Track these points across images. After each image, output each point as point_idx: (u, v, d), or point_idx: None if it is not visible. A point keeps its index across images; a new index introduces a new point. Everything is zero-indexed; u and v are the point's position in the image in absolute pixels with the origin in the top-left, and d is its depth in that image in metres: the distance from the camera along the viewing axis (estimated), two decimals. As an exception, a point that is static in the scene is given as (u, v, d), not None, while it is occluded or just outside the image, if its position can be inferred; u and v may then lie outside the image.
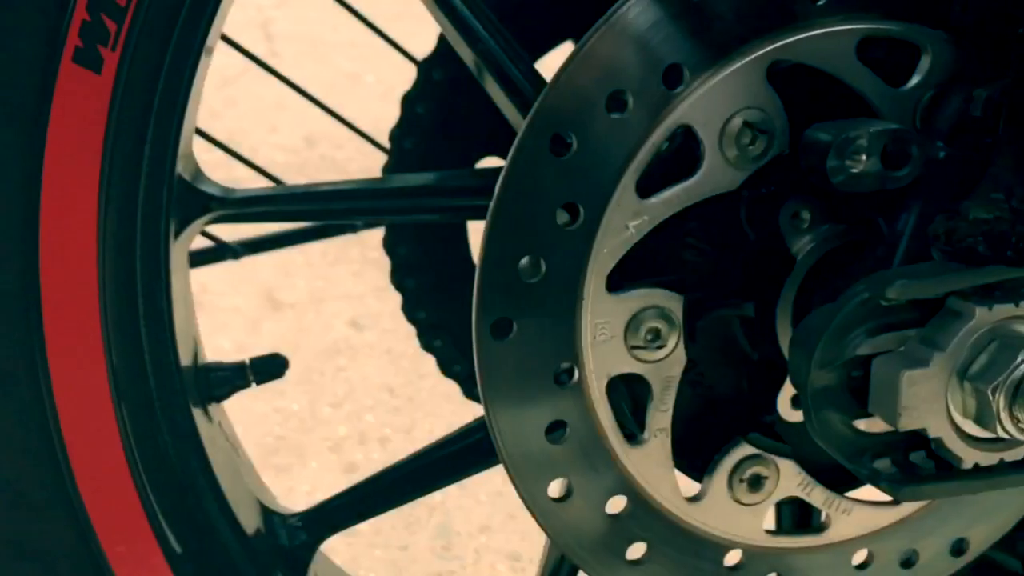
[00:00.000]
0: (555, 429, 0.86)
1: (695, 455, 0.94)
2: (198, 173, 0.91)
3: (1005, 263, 0.71)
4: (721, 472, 0.90)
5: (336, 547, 2.00)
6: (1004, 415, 0.72)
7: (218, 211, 0.90)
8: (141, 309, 0.83)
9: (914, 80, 0.85)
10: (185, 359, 0.92)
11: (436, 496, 2.19)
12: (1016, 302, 0.72)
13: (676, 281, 0.88)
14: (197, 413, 0.92)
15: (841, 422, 0.76)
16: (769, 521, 0.96)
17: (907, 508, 0.97)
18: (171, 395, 0.87)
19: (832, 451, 0.77)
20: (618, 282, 0.87)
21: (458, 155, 1.28)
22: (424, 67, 1.27)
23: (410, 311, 1.33)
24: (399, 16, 1.65)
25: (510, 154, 0.79)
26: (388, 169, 1.31)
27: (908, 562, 0.99)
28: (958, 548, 1.00)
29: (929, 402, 0.73)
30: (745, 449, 0.90)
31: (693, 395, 0.94)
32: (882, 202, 0.81)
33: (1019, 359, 0.71)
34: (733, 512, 0.92)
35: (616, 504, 0.90)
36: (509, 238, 0.80)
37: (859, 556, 0.98)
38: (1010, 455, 0.75)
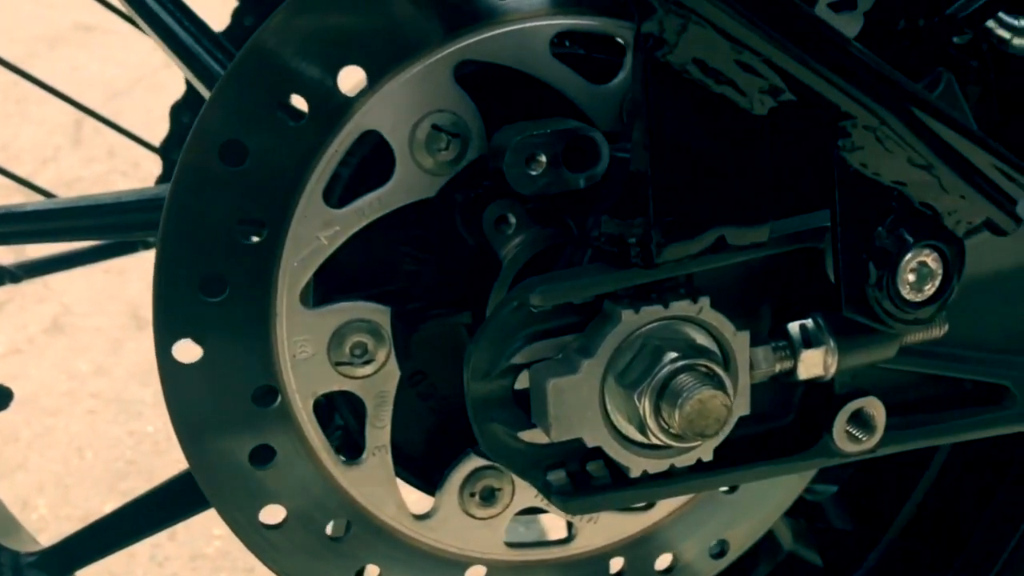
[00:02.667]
0: (261, 454, 0.82)
1: (432, 470, 0.90)
2: None
3: (639, 266, 0.68)
4: (451, 486, 0.87)
5: (180, 571, 1.95)
6: (651, 420, 0.69)
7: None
8: None
9: (619, 77, 0.82)
10: None
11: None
12: (666, 304, 0.70)
13: (390, 292, 0.85)
14: None
15: (506, 434, 0.73)
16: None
17: (659, 512, 0.94)
18: None
19: (503, 464, 0.74)
20: (327, 296, 0.83)
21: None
22: (190, 76, 1.23)
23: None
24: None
25: (177, 165, 0.75)
26: (159, 182, 1.26)
27: (667, 568, 0.97)
28: (719, 550, 0.98)
29: (582, 410, 0.70)
30: (475, 461, 0.87)
31: (425, 408, 0.90)
32: (575, 203, 0.78)
33: (664, 362, 0.69)
34: (468, 527, 0.88)
35: (339, 527, 0.86)
36: (185, 255, 0.76)
37: (614, 565, 0.95)
38: (681, 460, 0.72)
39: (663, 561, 0.97)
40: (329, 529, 0.86)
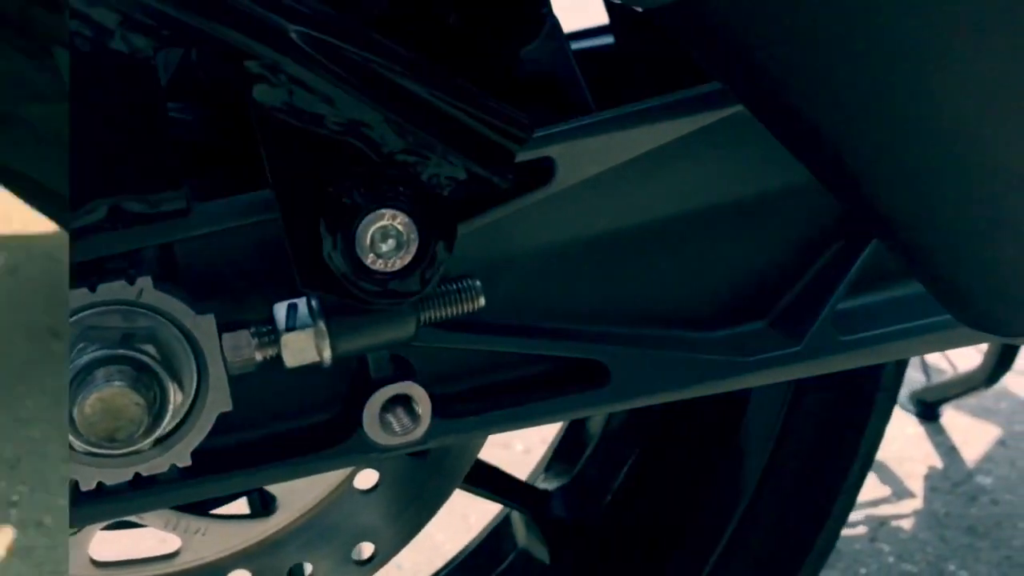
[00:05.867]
0: None
1: None
2: None
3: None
4: None
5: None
6: (77, 415, 0.59)
7: None
8: None
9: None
10: None
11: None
12: (93, 287, 0.59)
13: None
14: None
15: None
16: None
17: (284, 518, 0.86)
18: None
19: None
20: None
21: None
22: None
23: None
24: None
25: None
26: None
27: (302, 579, 0.88)
28: (365, 556, 0.89)
29: None
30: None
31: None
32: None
33: (73, 356, 0.58)
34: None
35: None
36: None
37: (236, 578, 0.86)
38: (150, 468, 0.63)
39: (295, 570, 0.88)
40: None
